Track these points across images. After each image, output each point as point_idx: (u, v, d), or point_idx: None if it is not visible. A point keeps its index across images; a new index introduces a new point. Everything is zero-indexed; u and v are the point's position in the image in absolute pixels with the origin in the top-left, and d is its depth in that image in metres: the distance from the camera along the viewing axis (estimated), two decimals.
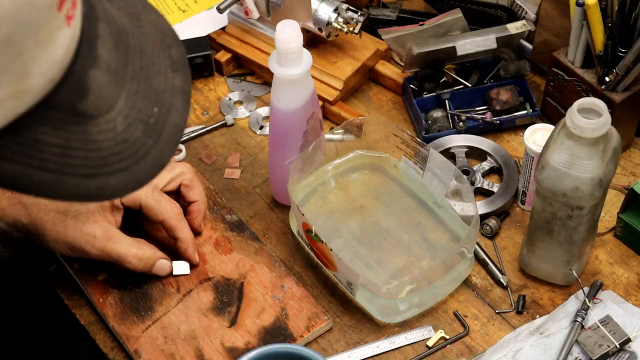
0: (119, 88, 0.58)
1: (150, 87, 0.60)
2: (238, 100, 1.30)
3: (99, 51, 0.56)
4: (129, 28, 0.60)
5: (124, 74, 0.58)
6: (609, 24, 1.06)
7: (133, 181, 0.58)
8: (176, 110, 0.61)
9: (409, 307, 1.04)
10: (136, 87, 0.59)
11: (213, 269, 1.07)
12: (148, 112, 0.59)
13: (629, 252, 1.10)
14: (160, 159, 0.59)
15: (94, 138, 0.56)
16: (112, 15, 0.59)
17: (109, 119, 0.57)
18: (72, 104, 0.55)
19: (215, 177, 1.20)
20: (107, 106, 0.57)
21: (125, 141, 0.57)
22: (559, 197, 0.96)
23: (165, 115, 0.60)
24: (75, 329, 1.07)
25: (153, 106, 0.59)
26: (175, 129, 0.61)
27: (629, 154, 1.20)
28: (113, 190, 0.58)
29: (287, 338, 1.01)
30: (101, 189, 0.57)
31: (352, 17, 1.22)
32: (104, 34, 0.57)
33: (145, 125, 0.58)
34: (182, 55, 0.63)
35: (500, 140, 1.22)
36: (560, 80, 1.17)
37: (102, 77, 0.56)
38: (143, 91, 0.59)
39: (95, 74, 0.56)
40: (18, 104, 0.52)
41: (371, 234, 1.11)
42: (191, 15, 1.38)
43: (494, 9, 1.29)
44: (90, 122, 0.56)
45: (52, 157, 0.54)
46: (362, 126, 1.14)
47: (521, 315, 1.05)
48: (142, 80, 0.59)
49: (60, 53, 0.53)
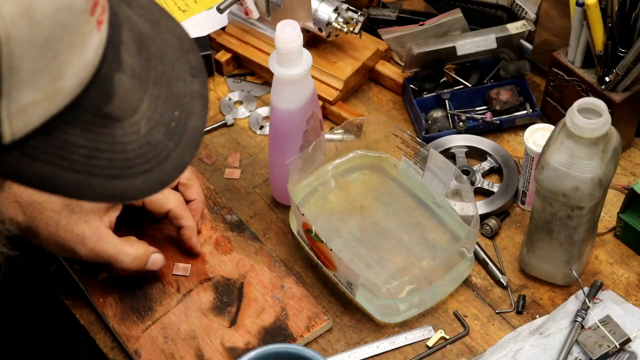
0: (142, 92, 0.59)
1: (171, 92, 0.61)
2: (238, 100, 1.30)
3: (123, 56, 0.58)
4: (149, 34, 0.62)
5: (146, 78, 0.60)
6: (609, 24, 1.06)
7: (156, 183, 0.60)
8: (195, 114, 0.63)
9: (409, 307, 1.04)
10: (158, 91, 0.60)
11: (213, 269, 1.07)
12: (169, 115, 0.61)
13: (629, 252, 1.10)
14: (182, 162, 0.61)
15: (120, 140, 0.58)
16: (134, 22, 0.61)
17: (133, 122, 0.58)
18: (99, 107, 0.57)
19: (215, 177, 1.20)
20: (132, 109, 0.58)
21: (149, 144, 0.59)
22: (559, 197, 0.96)
23: (186, 119, 0.62)
24: (75, 329, 1.07)
25: (174, 110, 0.61)
26: (195, 132, 0.62)
27: (629, 154, 1.20)
28: (137, 191, 0.59)
29: (287, 338, 1.01)
30: (127, 190, 0.58)
31: (352, 17, 1.22)
32: (127, 40, 0.59)
33: (167, 128, 0.60)
34: (199, 61, 0.65)
35: (500, 140, 1.22)
36: (560, 80, 1.17)
37: (127, 81, 0.58)
38: (164, 96, 0.61)
39: (120, 77, 0.58)
40: (51, 106, 0.54)
41: (371, 234, 1.11)
42: (191, 15, 1.38)
43: (494, 9, 1.29)
44: (116, 125, 0.57)
45: (80, 158, 0.56)
46: (362, 126, 1.14)
47: (521, 315, 1.05)
48: (164, 85, 0.61)
49: (90, 56, 0.55)
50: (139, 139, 0.58)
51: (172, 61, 0.63)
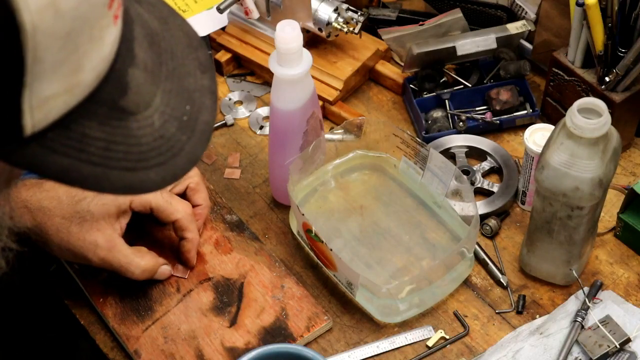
0: (155, 86, 0.61)
1: (182, 87, 0.63)
2: (238, 100, 1.30)
3: (135, 51, 0.60)
4: (159, 31, 0.63)
5: (159, 73, 0.61)
6: (609, 24, 1.06)
7: (169, 175, 0.61)
8: (206, 109, 0.64)
9: (409, 307, 1.04)
10: (170, 86, 0.62)
11: (213, 269, 1.07)
12: (181, 109, 0.62)
13: (629, 252, 1.10)
14: (194, 154, 0.63)
15: (134, 133, 0.59)
16: (144, 18, 0.62)
17: (147, 115, 0.60)
18: (115, 101, 0.58)
19: (215, 177, 1.20)
20: (145, 103, 0.60)
21: (162, 137, 0.60)
22: (559, 197, 0.96)
23: (197, 113, 0.63)
24: (75, 329, 1.07)
25: (185, 104, 0.63)
26: (206, 126, 0.64)
27: (629, 154, 1.20)
28: (152, 183, 0.60)
29: (287, 338, 1.01)
30: (142, 182, 0.60)
31: (352, 17, 1.22)
32: (139, 36, 0.61)
33: (180, 122, 0.62)
34: (208, 58, 0.66)
35: (500, 140, 1.22)
36: (560, 80, 1.17)
37: (140, 76, 0.60)
38: (176, 90, 0.62)
39: (134, 72, 0.59)
40: (70, 99, 0.55)
41: (371, 234, 1.11)
42: (191, 15, 1.38)
43: (494, 9, 1.29)
44: (131, 118, 0.59)
45: (97, 151, 0.57)
46: (362, 126, 1.14)
47: (521, 315, 1.05)
48: (175, 80, 0.62)
49: (107, 50, 0.57)
50: (153, 132, 0.60)
51: (182, 57, 0.64)
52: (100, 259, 0.99)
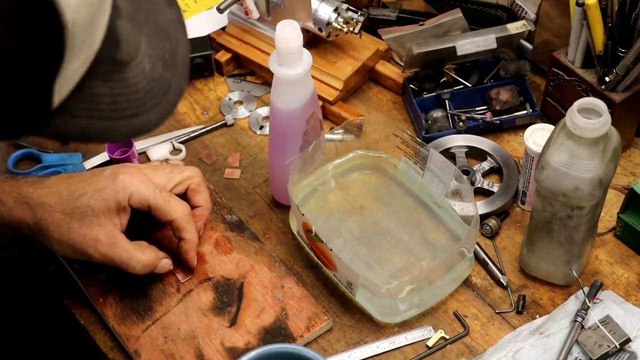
0: (139, 32, 0.65)
1: (158, 26, 0.67)
2: (238, 100, 1.30)
3: (117, 2, 0.63)
4: None
5: (139, 18, 0.66)
6: (609, 24, 1.06)
7: (164, 113, 0.66)
8: (182, 42, 0.69)
9: (409, 307, 1.04)
10: (149, 28, 0.66)
11: (213, 269, 1.07)
12: (163, 49, 0.67)
13: (629, 252, 1.10)
14: (180, 89, 0.68)
15: (132, 82, 0.64)
16: None
17: (139, 62, 0.64)
18: (112, 56, 0.63)
19: (215, 177, 1.20)
20: (135, 51, 0.64)
21: (154, 79, 0.65)
22: (559, 197, 0.96)
23: (175, 49, 0.68)
24: (75, 329, 1.07)
25: (165, 42, 0.67)
26: (185, 60, 0.69)
27: (629, 154, 1.20)
28: (152, 124, 0.66)
29: (287, 338, 1.01)
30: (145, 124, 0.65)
31: (352, 17, 1.22)
32: None
33: (164, 61, 0.66)
34: None
35: (500, 140, 1.22)
36: (560, 80, 1.17)
37: (126, 25, 0.64)
38: (155, 31, 0.67)
39: (121, 23, 0.63)
40: (84, 67, 0.60)
41: (371, 234, 1.11)
42: (191, 15, 1.38)
43: (494, 9, 1.29)
44: (126, 69, 0.63)
45: (106, 106, 0.62)
46: (362, 126, 1.14)
47: (521, 315, 1.05)
48: (152, 21, 0.67)
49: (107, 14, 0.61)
50: (145, 77, 0.64)
51: None
52: (101, 254, 0.99)
